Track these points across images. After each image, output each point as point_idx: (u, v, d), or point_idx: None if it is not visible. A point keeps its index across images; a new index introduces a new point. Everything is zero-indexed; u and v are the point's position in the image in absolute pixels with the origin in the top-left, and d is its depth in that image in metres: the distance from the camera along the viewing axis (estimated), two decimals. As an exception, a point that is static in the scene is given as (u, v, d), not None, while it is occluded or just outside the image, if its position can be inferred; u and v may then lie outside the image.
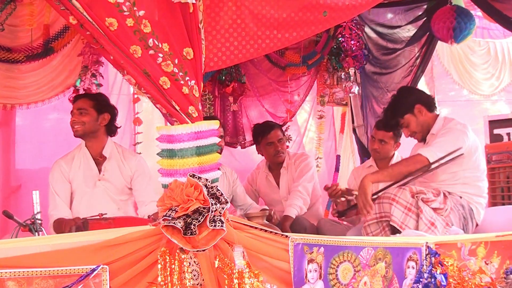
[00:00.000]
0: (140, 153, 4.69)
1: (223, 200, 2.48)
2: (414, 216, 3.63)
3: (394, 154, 4.88)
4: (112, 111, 4.06)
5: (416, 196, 3.66)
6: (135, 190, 4.00)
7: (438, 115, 4.16)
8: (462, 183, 3.90)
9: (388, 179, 3.90)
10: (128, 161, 4.01)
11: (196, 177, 2.48)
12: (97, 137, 3.98)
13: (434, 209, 3.69)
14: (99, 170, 3.95)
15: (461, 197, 3.88)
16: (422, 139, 4.17)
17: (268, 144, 5.09)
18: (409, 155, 4.30)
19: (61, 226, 3.64)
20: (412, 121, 4.12)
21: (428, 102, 4.17)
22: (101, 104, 4.01)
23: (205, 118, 2.67)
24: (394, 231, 3.68)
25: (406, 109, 4.11)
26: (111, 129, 4.06)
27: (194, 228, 2.41)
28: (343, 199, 4.66)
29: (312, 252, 2.67)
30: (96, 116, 3.96)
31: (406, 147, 4.62)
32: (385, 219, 3.72)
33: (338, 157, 6.22)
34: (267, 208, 4.64)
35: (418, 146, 4.24)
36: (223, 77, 5.43)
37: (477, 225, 3.97)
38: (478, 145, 4.03)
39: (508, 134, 5.27)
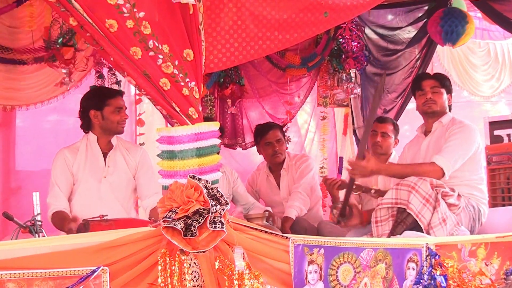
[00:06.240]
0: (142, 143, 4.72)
1: (223, 201, 2.48)
2: (431, 208, 3.54)
3: (392, 152, 4.87)
4: None
5: (436, 189, 3.59)
6: (138, 183, 4.00)
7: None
8: (466, 185, 3.88)
9: (391, 174, 3.94)
10: (131, 152, 4.03)
11: (196, 179, 2.48)
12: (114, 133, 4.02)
13: (449, 205, 3.64)
14: (105, 163, 3.94)
15: (469, 198, 3.87)
16: (427, 131, 4.14)
17: (267, 144, 5.08)
18: (401, 153, 4.30)
19: (63, 223, 3.66)
20: (444, 98, 4.11)
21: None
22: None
23: (204, 120, 2.67)
24: (398, 221, 3.62)
25: (448, 88, 4.14)
26: None
27: (194, 230, 2.41)
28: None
29: (313, 253, 2.67)
30: None
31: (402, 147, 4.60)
32: (400, 205, 3.61)
33: (341, 159, 6.21)
34: (270, 209, 4.65)
35: (413, 144, 4.22)
36: (222, 80, 5.42)
37: (481, 224, 3.96)
38: (482, 147, 4.02)
39: (509, 135, 5.26)
